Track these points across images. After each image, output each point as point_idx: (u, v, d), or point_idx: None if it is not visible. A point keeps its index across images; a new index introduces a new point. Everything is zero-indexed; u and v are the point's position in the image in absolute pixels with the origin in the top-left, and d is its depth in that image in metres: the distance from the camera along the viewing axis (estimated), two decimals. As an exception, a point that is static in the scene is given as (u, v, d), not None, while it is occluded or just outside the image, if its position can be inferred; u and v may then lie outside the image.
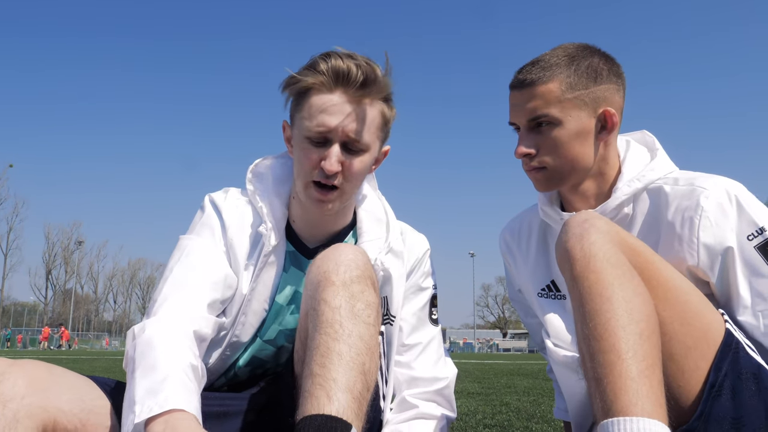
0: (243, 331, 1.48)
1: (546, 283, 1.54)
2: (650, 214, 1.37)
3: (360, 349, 1.15)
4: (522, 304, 1.72)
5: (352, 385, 1.10)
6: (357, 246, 1.34)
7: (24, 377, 1.10)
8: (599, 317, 1.05)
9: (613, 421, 0.96)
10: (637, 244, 1.21)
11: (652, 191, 1.38)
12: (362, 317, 1.18)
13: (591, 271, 1.09)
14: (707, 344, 1.18)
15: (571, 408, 1.45)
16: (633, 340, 1.02)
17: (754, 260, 1.26)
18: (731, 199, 1.28)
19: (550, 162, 1.39)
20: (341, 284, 1.20)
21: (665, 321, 1.14)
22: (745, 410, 1.14)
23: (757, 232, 1.26)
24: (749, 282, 1.26)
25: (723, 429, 1.13)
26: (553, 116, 1.36)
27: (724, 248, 1.27)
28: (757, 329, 1.26)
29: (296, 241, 1.53)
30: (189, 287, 1.35)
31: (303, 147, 1.40)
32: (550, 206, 1.49)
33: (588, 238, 1.12)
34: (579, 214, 1.21)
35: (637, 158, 1.43)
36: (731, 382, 1.16)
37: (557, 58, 1.38)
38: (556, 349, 1.41)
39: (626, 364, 1.00)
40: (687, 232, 1.28)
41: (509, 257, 1.67)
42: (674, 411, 1.10)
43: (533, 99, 1.37)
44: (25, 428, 1.06)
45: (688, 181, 1.33)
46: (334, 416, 1.05)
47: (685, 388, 1.16)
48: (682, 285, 1.20)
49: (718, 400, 1.14)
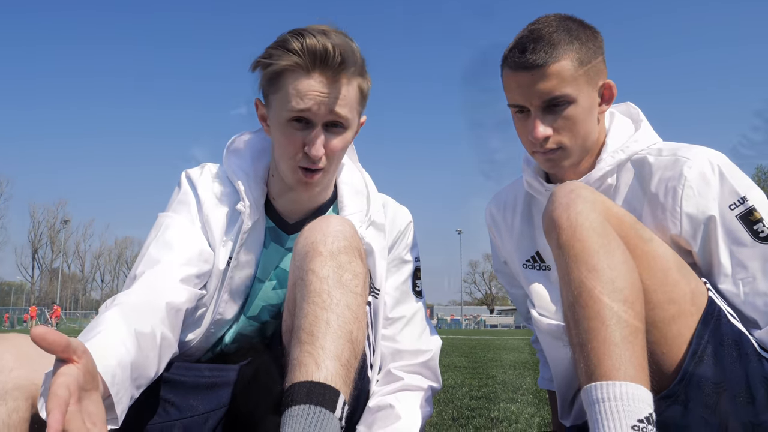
0: (226, 308, 1.48)
1: (531, 254, 1.56)
2: (634, 184, 1.39)
3: (347, 317, 1.16)
4: (507, 275, 1.74)
5: (339, 353, 1.12)
6: (344, 217, 1.34)
7: (12, 351, 1.11)
8: (584, 285, 1.08)
9: (597, 385, 0.99)
10: (623, 213, 1.22)
11: (635, 162, 1.39)
12: (349, 287, 1.20)
13: (577, 239, 1.11)
14: (690, 312, 1.21)
15: (556, 376, 1.48)
16: (617, 307, 1.05)
17: (736, 229, 1.28)
18: (714, 168, 1.30)
19: (567, 141, 1.36)
20: (329, 254, 1.21)
21: (649, 289, 1.16)
22: (726, 376, 1.18)
23: (739, 202, 1.28)
24: (730, 250, 1.29)
25: (704, 393, 1.17)
26: (569, 95, 1.32)
27: (706, 217, 1.29)
28: (737, 297, 1.29)
29: (276, 217, 1.53)
30: (163, 263, 1.35)
31: (284, 131, 1.37)
32: (535, 178, 1.50)
33: (575, 208, 1.14)
34: (566, 184, 1.22)
35: (621, 130, 1.44)
36: (713, 349, 1.19)
37: (559, 34, 1.33)
38: (541, 318, 1.43)
39: (610, 330, 1.02)
40: (670, 201, 1.30)
41: (495, 229, 1.69)
42: (657, 376, 1.12)
43: (547, 79, 1.32)
44: (14, 399, 1.06)
45: (672, 151, 1.34)
46: (322, 383, 1.07)
47: (668, 354, 1.19)
48: (666, 254, 1.23)
49: (700, 366, 1.18)
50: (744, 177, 1.32)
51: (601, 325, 1.03)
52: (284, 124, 1.36)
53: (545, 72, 1.31)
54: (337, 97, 1.34)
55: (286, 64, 1.33)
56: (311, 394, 1.06)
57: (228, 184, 1.50)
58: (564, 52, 1.32)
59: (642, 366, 1.02)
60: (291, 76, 1.34)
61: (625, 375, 0.99)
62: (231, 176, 1.49)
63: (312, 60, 1.32)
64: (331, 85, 1.34)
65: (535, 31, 1.36)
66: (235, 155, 1.54)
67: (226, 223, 1.46)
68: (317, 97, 1.33)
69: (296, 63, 1.32)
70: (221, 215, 1.46)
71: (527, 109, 1.37)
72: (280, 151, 1.40)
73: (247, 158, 1.53)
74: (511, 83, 1.38)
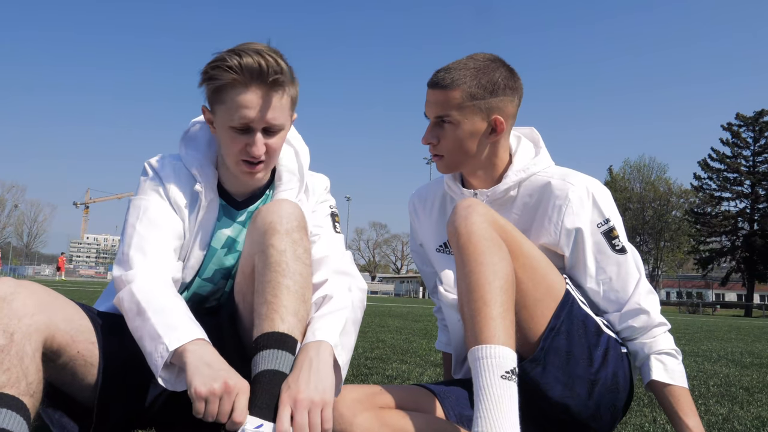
0: (186, 272, 1.75)
1: (443, 241, 1.93)
2: (530, 197, 1.76)
3: (301, 283, 1.50)
4: (421, 255, 2.10)
5: (296, 310, 1.47)
6: (293, 201, 1.65)
7: (32, 297, 1.33)
8: (473, 275, 1.43)
9: (479, 348, 1.35)
10: (506, 224, 1.59)
11: (533, 180, 1.77)
12: (302, 259, 1.53)
13: (470, 242, 1.47)
14: (551, 298, 1.56)
15: (453, 340, 1.86)
16: (496, 292, 1.41)
17: (600, 242, 1.70)
18: (589, 195, 1.70)
19: (446, 153, 1.74)
20: (285, 232, 1.53)
21: (521, 280, 1.51)
22: (575, 346, 1.59)
23: (604, 222, 1.70)
24: (595, 258, 1.70)
25: (559, 358, 1.57)
26: (453, 118, 1.66)
27: (579, 230, 1.69)
28: (598, 294, 1.71)
29: (226, 195, 1.80)
30: (155, 241, 1.61)
31: (228, 135, 1.60)
32: (454, 183, 1.85)
33: (470, 219, 1.50)
34: (465, 200, 1.57)
35: (525, 153, 1.81)
36: (566, 327, 1.55)
37: (466, 70, 1.65)
38: (447, 293, 1.80)
39: (489, 308, 1.38)
40: (555, 215, 1.70)
41: (415, 217, 2.04)
42: (524, 346, 1.54)
43: (440, 101, 1.66)
44: (35, 341, 1.29)
45: (561, 176, 1.73)
46: (286, 333, 1.42)
47: (533, 329, 1.55)
48: (536, 254, 1.62)
49: (556, 338, 1.57)
50: (610, 202, 1.73)
51: (483, 305, 1.37)
52: (228, 129, 1.59)
53: (441, 95, 1.66)
54: (271, 107, 1.59)
55: (227, 80, 1.55)
56: (278, 341, 1.41)
57: (184, 169, 1.73)
58: (460, 84, 1.64)
59: (511, 335, 1.35)
60: (232, 91, 1.56)
61: (498, 340, 1.32)
62: (187, 164, 1.74)
63: (250, 76, 1.54)
64: (266, 98, 1.57)
65: (457, 62, 1.68)
66: (189, 145, 1.78)
67: (187, 202, 1.71)
68: (255, 107, 1.56)
69: (234, 79, 1.54)
70: (183, 196, 1.71)
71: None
72: (226, 150, 1.65)
73: (201, 147, 1.78)
74: (426, 96, 1.72)
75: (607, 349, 1.60)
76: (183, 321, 1.41)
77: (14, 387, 1.19)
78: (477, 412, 1.28)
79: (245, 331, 1.65)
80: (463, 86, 1.65)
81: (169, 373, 1.36)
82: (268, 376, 1.35)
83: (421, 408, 1.61)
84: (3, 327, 1.24)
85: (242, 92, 1.55)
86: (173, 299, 1.49)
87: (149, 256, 1.58)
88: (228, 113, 1.57)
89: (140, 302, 1.44)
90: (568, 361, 1.55)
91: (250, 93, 1.55)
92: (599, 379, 1.57)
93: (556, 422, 1.61)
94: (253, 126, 1.58)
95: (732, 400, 3.02)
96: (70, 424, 1.52)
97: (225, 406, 1.26)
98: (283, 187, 1.80)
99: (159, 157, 1.76)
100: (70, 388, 1.49)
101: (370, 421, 1.47)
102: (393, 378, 3.23)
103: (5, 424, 1.15)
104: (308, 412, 1.29)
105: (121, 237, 1.67)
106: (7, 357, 1.21)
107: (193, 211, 1.71)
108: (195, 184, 1.71)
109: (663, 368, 1.62)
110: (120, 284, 1.54)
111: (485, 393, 1.29)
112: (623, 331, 1.67)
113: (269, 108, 1.57)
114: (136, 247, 1.58)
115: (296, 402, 1.29)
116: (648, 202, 56.11)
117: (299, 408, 1.28)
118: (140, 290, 1.47)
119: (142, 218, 1.63)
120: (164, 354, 1.33)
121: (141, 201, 1.67)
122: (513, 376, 1.31)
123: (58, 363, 1.41)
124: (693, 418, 1.58)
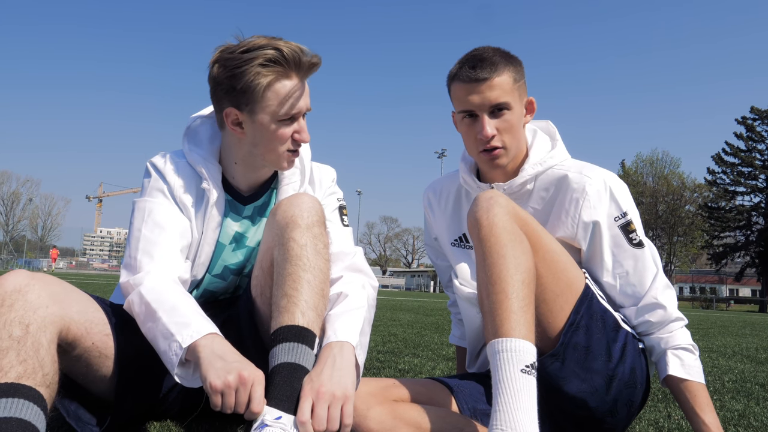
0: (197, 269, 1.76)
1: (458, 235, 1.92)
2: (547, 191, 1.75)
3: (321, 278, 1.50)
4: (435, 249, 2.09)
5: (316, 305, 1.46)
6: (312, 195, 1.64)
7: (45, 289, 1.33)
8: (495, 268, 1.42)
9: (499, 341, 1.34)
10: (528, 216, 1.58)
11: (551, 174, 1.76)
12: (322, 254, 1.52)
13: (492, 235, 1.46)
14: (571, 292, 1.55)
15: (468, 333, 1.86)
16: (517, 286, 1.40)
17: (617, 236, 1.69)
18: (606, 188, 1.69)
19: (508, 141, 1.69)
20: (306, 227, 1.52)
21: (541, 274, 1.50)
22: (593, 341, 1.58)
23: (621, 215, 1.69)
24: (612, 252, 1.69)
25: (578, 353, 1.56)
26: (509, 103, 1.64)
27: (597, 224, 1.68)
28: (614, 288, 1.70)
29: (232, 191, 1.80)
30: (161, 243, 1.61)
31: (274, 128, 1.61)
32: (469, 176, 1.84)
33: (492, 211, 1.48)
34: (487, 192, 1.56)
35: (541, 146, 1.80)
36: (586, 321, 1.54)
37: (497, 57, 1.64)
38: (462, 287, 1.80)
39: (511, 301, 1.37)
40: (573, 209, 1.69)
41: (429, 211, 2.03)
42: (543, 340, 1.53)
43: (493, 89, 1.62)
44: (50, 332, 1.30)
45: (578, 169, 1.72)
46: (305, 327, 1.41)
47: (553, 323, 1.54)
48: (556, 248, 1.60)
49: (576, 333, 1.56)
50: (627, 195, 1.72)
51: (505, 298, 1.35)
52: (275, 122, 1.61)
53: (491, 83, 1.63)
54: (307, 92, 1.64)
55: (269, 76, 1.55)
56: (297, 335, 1.40)
57: (188, 167, 1.73)
58: (505, 69, 1.64)
59: (531, 329, 1.34)
60: (277, 84, 1.57)
61: (518, 334, 1.31)
62: (192, 161, 1.73)
63: (293, 66, 1.57)
64: (303, 84, 1.62)
65: (478, 54, 1.66)
66: (192, 141, 1.78)
67: (193, 200, 1.71)
68: (301, 96, 1.60)
69: (278, 72, 1.56)
70: (190, 194, 1.71)
71: (475, 114, 1.67)
72: (271, 145, 1.65)
73: (204, 143, 1.78)
74: (462, 93, 1.66)
75: (625, 345, 1.59)
76: (194, 317, 1.40)
77: (31, 378, 1.20)
78: (495, 405, 1.27)
79: (263, 324, 1.65)
80: (507, 70, 1.65)
81: (185, 370, 1.37)
82: (287, 368, 1.35)
83: (435, 402, 1.60)
84: (19, 318, 1.25)
85: (286, 83, 1.58)
86: (182, 297, 1.49)
87: (156, 258, 1.58)
88: (273, 107, 1.59)
89: (150, 303, 1.44)
90: (586, 356, 1.54)
91: (293, 81, 1.59)
92: (617, 374, 1.56)
93: (571, 417, 1.60)
94: (296, 114, 1.62)
95: (747, 396, 2.99)
96: (86, 415, 1.53)
97: (241, 397, 1.26)
98: (285, 181, 1.81)
99: (161, 155, 1.76)
100: (85, 380, 1.50)
101: (383, 415, 1.46)
102: (405, 372, 3.23)
103: (22, 414, 1.15)
104: (329, 406, 1.29)
105: (127, 241, 1.67)
106: (23, 348, 1.22)
107: (199, 209, 1.71)
108: (199, 181, 1.71)
109: (680, 363, 1.61)
110: (128, 288, 1.53)
111: (504, 386, 1.27)
112: (640, 325, 1.66)
113: (307, 93, 1.64)
114: (143, 250, 1.58)
115: (318, 394, 1.29)
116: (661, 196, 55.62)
117: (320, 401, 1.29)
118: (149, 291, 1.47)
119: (147, 221, 1.63)
120: (178, 351, 1.33)
121: (145, 203, 1.67)
122: (532, 370, 1.29)
123: (73, 354, 1.42)
124: (710, 414, 1.56)
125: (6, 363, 1.19)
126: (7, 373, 1.18)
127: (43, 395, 1.20)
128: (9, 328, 1.22)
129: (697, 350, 1.65)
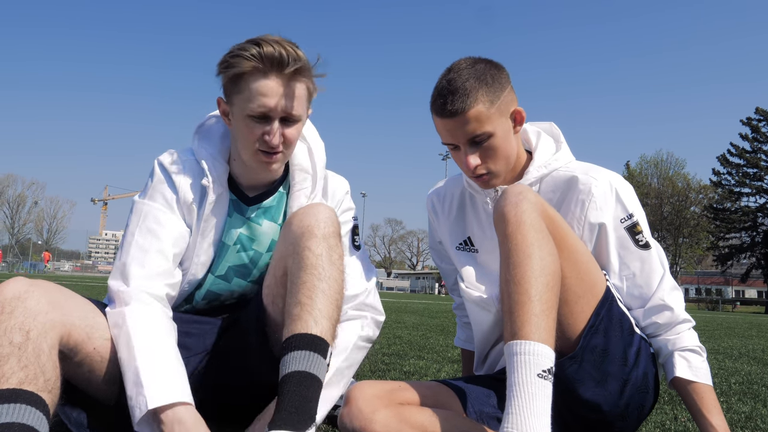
0: (197, 269, 1.74)
1: (463, 238, 1.91)
2: (553, 193, 1.73)
3: (336, 288, 1.49)
4: (439, 252, 2.08)
5: (330, 314, 1.45)
6: (328, 205, 1.64)
7: (45, 296, 1.33)
8: (519, 268, 1.36)
9: (517, 342, 1.31)
10: (555, 214, 1.55)
11: (555, 176, 1.74)
12: (337, 264, 1.52)
13: (519, 232, 1.41)
14: (592, 295, 1.53)
15: (477, 335, 1.84)
16: (541, 288, 1.35)
17: (623, 237, 1.67)
18: (612, 190, 1.67)
19: (493, 166, 1.67)
20: (322, 237, 1.52)
21: (565, 275, 1.46)
22: (611, 345, 1.55)
23: (627, 217, 1.67)
24: (618, 253, 1.67)
25: (595, 356, 1.54)
26: (488, 131, 1.59)
27: (603, 225, 1.66)
28: (621, 290, 1.67)
29: (238, 191, 1.78)
30: (153, 252, 1.59)
31: (245, 124, 1.59)
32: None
33: (521, 206, 1.44)
34: (515, 186, 1.51)
35: (546, 148, 1.78)
36: (605, 325, 1.52)
37: (469, 82, 1.58)
38: (469, 290, 1.79)
39: (533, 304, 1.31)
40: (578, 210, 1.67)
41: (433, 215, 2.02)
42: (563, 342, 1.50)
43: (467, 123, 1.58)
44: (51, 338, 1.30)
45: (584, 171, 1.70)
46: (319, 336, 1.40)
47: (573, 325, 1.51)
48: (581, 248, 1.58)
49: (595, 336, 1.53)
50: (633, 197, 1.69)
51: (527, 299, 1.31)
52: (246, 118, 1.58)
53: (465, 118, 1.57)
54: (289, 96, 1.59)
55: (246, 68, 1.54)
56: (311, 343, 1.39)
57: (195, 163, 1.71)
58: (476, 96, 1.57)
59: (551, 333, 1.31)
60: (251, 78, 1.55)
61: (538, 337, 1.27)
62: (198, 157, 1.72)
63: (269, 65, 1.54)
64: (285, 87, 1.57)
65: (449, 84, 1.59)
66: (203, 138, 1.76)
67: (195, 197, 1.70)
68: (274, 96, 1.55)
69: (254, 67, 1.54)
70: (193, 191, 1.69)
71: (458, 146, 1.65)
72: (243, 141, 1.63)
73: (215, 140, 1.76)
74: (440, 127, 1.64)
75: (640, 349, 1.57)
76: (167, 374, 1.37)
77: (32, 383, 1.19)
78: (508, 407, 1.25)
79: (273, 333, 1.64)
80: (480, 98, 1.58)
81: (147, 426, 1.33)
82: (298, 377, 1.34)
83: (441, 404, 1.59)
84: (19, 325, 1.24)
85: (261, 80, 1.55)
86: (164, 339, 1.45)
87: (146, 267, 1.55)
88: (246, 101, 1.56)
89: (131, 335, 1.41)
90: (603, 359, 1.52)
91: (269, 81, 1.55)
92: (631, 378, 1.54)
93: (581, 420, 1.59)
94: (271, 114, 1.57)
95: (755, 398, 2.97)
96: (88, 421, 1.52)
97: None
98: (297, 187, 1.79)
99: (169, 152, 1.75)
100: (88, 385, 1.49)
101: (389, 418, 1.45)
102: (410, 374, 3.22)
103: (25, 420, 1.15)
104: None
105: (120, 243, 1.65)
106: (24, 354, 1.21)
107: (201, 206, 1.70)
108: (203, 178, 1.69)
109: (687, 365, 1.59)
110: (114, 297, 1.52)
111: (519, 389, 1.25)
112: (647, 327, 1.64)
113: (287, 97, 1.57)
114: (134, 258, 1.56)
115: None
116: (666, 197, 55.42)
117: None
118: (133, 319, 1.44)
119: (141, 226, 1.62)
120: (143, 408, 1.30)
121: (143, 206, 1.66)
122: (549, 375, 1.26)
123: (74, 360, 1.41)
124: (717, 416, 1.54)
125: (7, 369, 1.18)
126: (9, 379, 1.18)
127: (45, 400, 1.20)
128: (9, 334, 1.22)
129: (705, 352, 1.64)
